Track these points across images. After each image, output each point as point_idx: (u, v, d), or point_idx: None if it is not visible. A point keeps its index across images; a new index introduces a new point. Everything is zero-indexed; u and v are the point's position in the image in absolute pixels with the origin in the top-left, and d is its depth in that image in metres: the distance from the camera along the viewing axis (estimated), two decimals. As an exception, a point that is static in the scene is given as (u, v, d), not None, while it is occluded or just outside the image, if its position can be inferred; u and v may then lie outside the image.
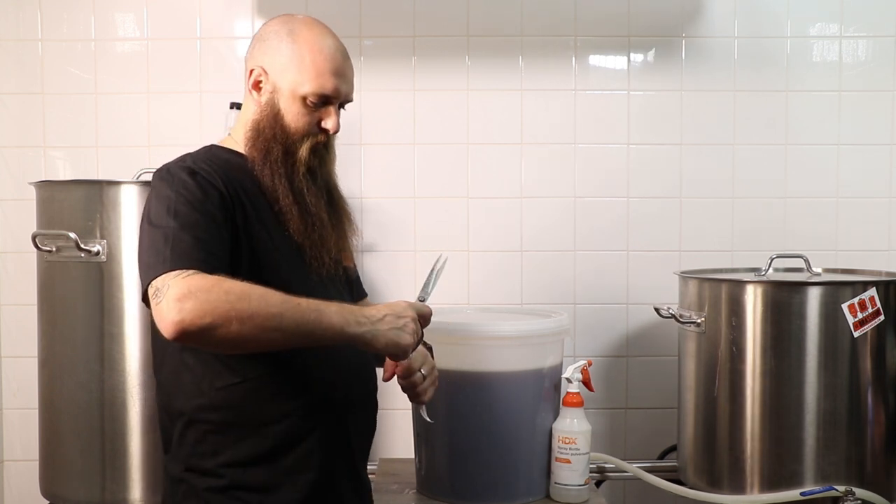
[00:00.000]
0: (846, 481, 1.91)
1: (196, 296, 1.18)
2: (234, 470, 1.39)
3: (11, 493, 2.49)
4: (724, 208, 2.48)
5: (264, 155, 1.47)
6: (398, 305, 1.39)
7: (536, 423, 1.94)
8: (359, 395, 1.55)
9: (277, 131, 1.48)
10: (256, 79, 1.49)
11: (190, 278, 1.21)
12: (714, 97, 2.47)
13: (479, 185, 2.45)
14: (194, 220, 1.31)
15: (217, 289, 1.20)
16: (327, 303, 1.31)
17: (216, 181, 1.38)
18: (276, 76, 1.48)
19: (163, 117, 2.43)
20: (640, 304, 2.45)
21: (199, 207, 1.33)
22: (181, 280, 1.21)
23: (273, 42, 1.49)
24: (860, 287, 1.93)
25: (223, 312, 1.19)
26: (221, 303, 1.19)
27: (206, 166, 1.41)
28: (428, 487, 1.99)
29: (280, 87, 1.47)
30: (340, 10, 2.42)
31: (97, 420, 1.91)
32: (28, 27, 2.43)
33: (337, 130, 1.52)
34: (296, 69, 1.47)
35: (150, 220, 1.33)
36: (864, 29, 2.47)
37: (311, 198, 1.49)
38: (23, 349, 2.42)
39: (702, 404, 2.09)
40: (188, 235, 1.28)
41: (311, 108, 1.48)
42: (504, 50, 2.45)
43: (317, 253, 1.48)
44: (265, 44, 1.50)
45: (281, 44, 1.48)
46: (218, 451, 1.40)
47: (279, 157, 1.47)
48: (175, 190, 1.34)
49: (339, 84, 1.49)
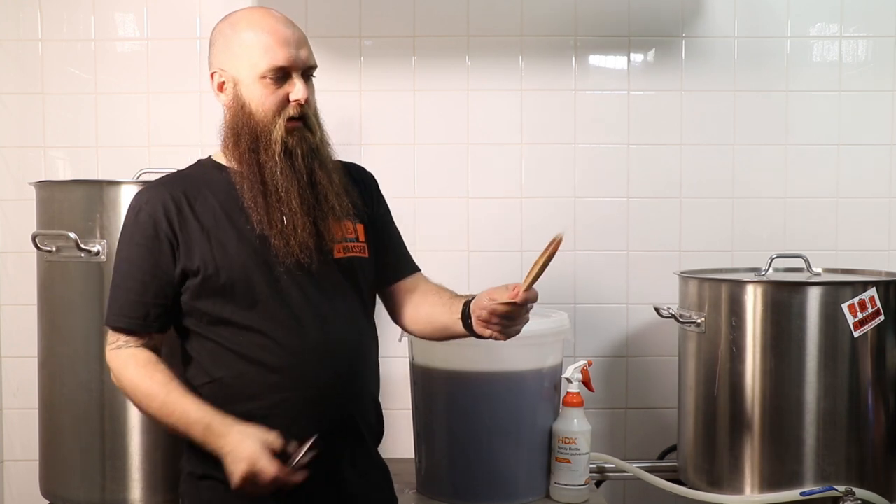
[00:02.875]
0: (846, 481, 1.91)
1: (114, 375, 1.52)
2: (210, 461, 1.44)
3: (11, 493, 2.49)
4: (724, 208, 2.48)
5: (239, 151, 1.49)
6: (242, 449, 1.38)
7: (536, 423, 1.94)
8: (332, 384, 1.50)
9: (246, 120, 1.49)
10: (219, 81, 1.52)
11: (111, 353, 1.51)
12: (714, 97, 2.47)
13: (479, 185, 2.45)
14: (131, 271, 1.49)
15: (119, 376, 1.50)
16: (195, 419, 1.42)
17: (156, 210, 1.48)
18: (233, 70, 1.50)
19: (163, 117, 2.43)
20: (640, 304, 2.45)
21: (138, 254, 1.49)
22: (109, 350, 1.52)
23: (220, 41, 1.53)
24: (860, 287, 1.93)
25: (124, 391, 1.52)
26: (122, 386, 1.51)
27: (157, 193, 1.51)
28: (428, 487, 1.99)
29: (238, 78, 1.49)
30: (340, 10, 2.42)
31: (97, 420, 1.91)
32: (28, 27, 2.43)
33: (307, 98, 1.50)
34: (246, 55, 1.48)
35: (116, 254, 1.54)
36: (864, 29, 2.47)
37: (283, 183, 1.47)
38: (23, 349, 2.42)
39: (702, 404, 2.09)
40: (122, 293, 1.50)
41: (273, 85, 1.48)
42: (504, 50, 2.45)
43: (282, 242, 1.46)
44: (214, 46, 1.54)
45: (226, 39, 1.51)
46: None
47: (250, 145, 1.48)
48: (127, 230, 1.52)
49: (291, 51, 1.48)
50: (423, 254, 2.44)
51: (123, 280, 1.50)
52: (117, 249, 1.54)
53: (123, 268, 1.51)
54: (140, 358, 1.48)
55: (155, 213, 1.48)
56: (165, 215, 1.48)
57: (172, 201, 1.49)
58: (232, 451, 1.38)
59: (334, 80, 2.35)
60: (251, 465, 1.36)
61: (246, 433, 1.39)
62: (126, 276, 1.50)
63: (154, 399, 1.45)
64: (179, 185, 1.52)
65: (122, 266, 1.51)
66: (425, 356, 1.95)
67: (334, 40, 2.41)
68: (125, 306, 1.49)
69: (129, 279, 1.49)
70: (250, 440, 1.38)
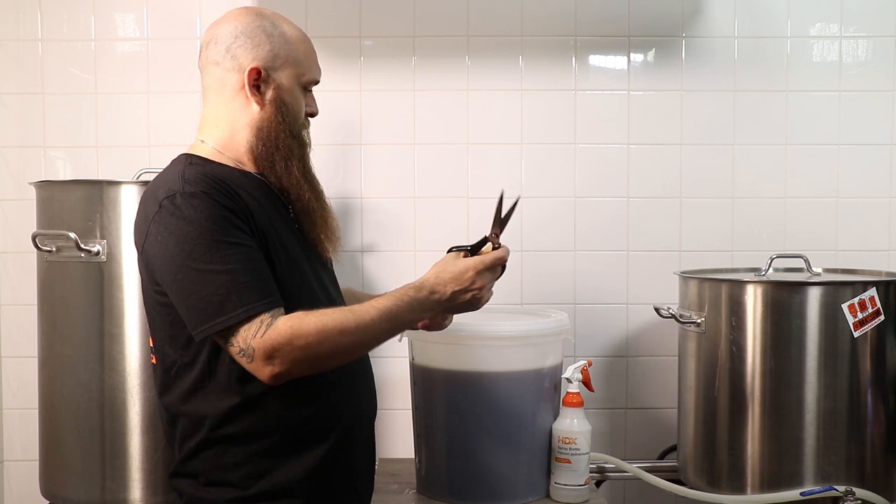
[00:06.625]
0: (846, 481, 1.91)
1: (280, 354, 1.27)
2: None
3: (11, 493, 2.49)
4: (724, 208, 2.48)
5: (280, 155, 1.45)
6: (457, 271, 1.39)
7: (536, 423, 1.94)
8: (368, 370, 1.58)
9: (289, 126, 1.47)
10: (255, 78, 1.45)
11: (268, 335, 1.27)
12: (714, 97, 2.47)
13: (479, 185, 2.45)
14: (237, 255, 1.30)
15: (295, 341, 1.27)
16: (387, 302, 1.35)
17: (231, 202, 1.34)
18: (274, 71, 1.46)
19: (163, 117, 2.43)
20: (640, 304, 2.45)
21: (234, 239, 1.31)
22: (260, 340, 1.27)
23: (260, 37, 1.45)
24: (860, 287, 1.93)
25: (309, 364, 1.31)
26: (304, 356, 1.29)
27: (213, 187, 1.34)
28: (428, 487, 1.99)
29: (280, 81, 1.46)
30: (340, 10, 2.42)
31: (97, 420, 1.91)
32: (28, 27, 2.43)
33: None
34: (292, 59, 1.48)
35: (187, 262, 1.29)
36: (864, 29, 2.47)
37: (318, 185, 1.52)
38: (23, 349, 2.42)
39: (702, 404, 2.09)
40: (241, 277, 1.29)
41: (303, 97, 1.51)
42: (504, 50, 2.45)
43: (327, 241, 1.52)
44: (251, 40, 1.45)
45: (269, 36, 1.46)
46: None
47: (293, 151, 1.47)
48: (199, 225, 1.30)
49: (319, 67, 1.55)
50: (423, 254, 2.46)
51: (234, 266, 1.29)
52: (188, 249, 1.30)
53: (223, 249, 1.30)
54: (296, 315, 1.30)
55: (231, 204, 1.35)
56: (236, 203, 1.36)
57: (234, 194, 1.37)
58: (457, 286, 1.40)
59: (334, 80, 2.35)
60: (482, 272, 1.40)
61: (444, 269, 1.40)
62: (234, 260, 1.30)
63: (348, 324, 1.31)
64: (226, 182, 1.39)
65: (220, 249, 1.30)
66: (425, 356, 1.95)
67: (334, 40, 2.41)
68: (253, 290, 1.29)
69: (243, 262, 1.30)
70: (456, 265, 1.40)
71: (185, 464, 1.41)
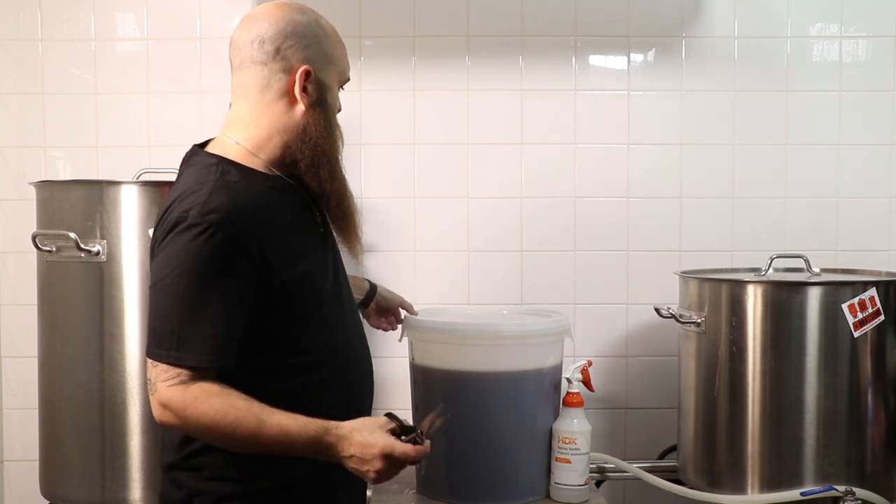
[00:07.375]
0: (846, 481, 1.91)
1: (173, 411, 1.30)
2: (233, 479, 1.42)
3: (11, 493, 2.49)
4: (724, 208, 2.48)
5: (325, 159, 1.43)
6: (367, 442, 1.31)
7: (536, 423, 1.94)
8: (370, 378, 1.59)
9: (331, 128, 1.45)
10: (305, 80, 1.40)
11: (173, 390, 1.29)
12: (714, 97, 2.47)
13: (479, 185, 2.45)
14: (212, 302, 1.29)
15: (189, 413, 1.28)
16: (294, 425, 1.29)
17: (244, 236, 1.31)
18: (320, 71, 1.42)
19: (163, 117, 2.43)
20: (640, 304, 2.45)
21: (222, 286, 1.30)
22: (165, 388, 1.30)
23: (310, 37, 1.42)
24: (860, 287, 1.92)
25: (195, 434, 1.33)
26: (191, 428, 1.31)
27: (231, 219, 1.30)
28: (428, 487, 1.99)
29: (325, 81, 1.44)
30: (340, 10, 2.41)
31: (97, 420, 1.91)
32: (28, 27, 2.43)
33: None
34: (337, 59, 1.47)
35: (169, 282, 1.29)
36: (864, 29, 2.47)
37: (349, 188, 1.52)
38: (23, 349, 2.42)
39: (702, 404, 2.09)
40: (199, 325, 1.29)
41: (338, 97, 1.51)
42: (504, 50, 2.45)
43: (357, 244, 1.56)
44: (302, 40, 1.40)
45: (317, 37, 1.43)
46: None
47: (337, 154, 1.46)
48: (199, 258, 1.28)
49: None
50: (423, 254, 2.46)
51: (194, 312, 1.30)
52: (174, 271, 1.29)
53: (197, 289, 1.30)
54: (213, 389, 1.30)
55: (244, 241, 1.32)
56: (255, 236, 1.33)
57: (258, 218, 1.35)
58: (357, 453, 1.30)
59: (334, 80, 2.35)
60: (387, 457, 1.30)
61: (363, 428, 1.32)
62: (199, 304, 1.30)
63: (242, 427, 1.28)
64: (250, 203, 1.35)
65: (194, 288, 1.30)
66: (425, 356, 1.95)
67: (334, 40, 2.41)
68: (197, 341, 1.29)
69: (204, 309, 1.30)
70: (373, 434, 1.31)
71: (187, 459, 1.41)
